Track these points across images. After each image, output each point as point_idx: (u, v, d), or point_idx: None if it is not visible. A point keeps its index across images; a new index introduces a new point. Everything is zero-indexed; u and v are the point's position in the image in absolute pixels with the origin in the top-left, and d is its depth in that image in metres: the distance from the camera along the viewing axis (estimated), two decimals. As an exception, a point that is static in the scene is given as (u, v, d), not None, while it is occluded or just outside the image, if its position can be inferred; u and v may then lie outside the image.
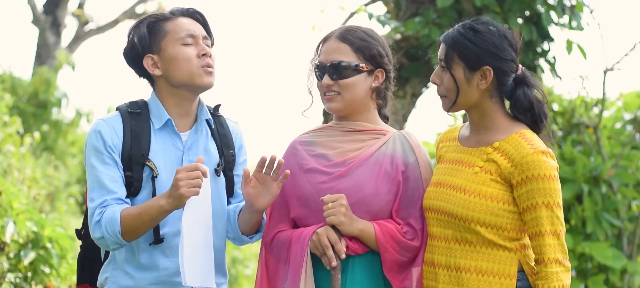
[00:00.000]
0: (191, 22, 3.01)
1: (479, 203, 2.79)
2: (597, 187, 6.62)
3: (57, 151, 11.14)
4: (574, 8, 6.13)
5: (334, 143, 3.03)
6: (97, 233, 2.88)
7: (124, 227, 2.85)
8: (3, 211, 5.21)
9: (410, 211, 2.95)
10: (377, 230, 2.90)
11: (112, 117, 2.99)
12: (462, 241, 2.83)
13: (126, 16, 15.33)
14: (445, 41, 2.88)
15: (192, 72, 2.96)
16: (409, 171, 2.97)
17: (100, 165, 2.92)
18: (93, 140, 2.95)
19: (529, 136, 2.82)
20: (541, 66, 6.28)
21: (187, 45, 2.96)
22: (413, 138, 3.04)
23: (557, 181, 2.77)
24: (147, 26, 2.98)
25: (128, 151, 2.94)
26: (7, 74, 11.49)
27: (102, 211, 2.88)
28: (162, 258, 2.97)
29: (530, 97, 2.88)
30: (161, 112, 3.00)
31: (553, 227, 2.75)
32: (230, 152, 3.10)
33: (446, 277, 2.85)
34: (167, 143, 3.00)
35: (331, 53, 2.99)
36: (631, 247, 6.93)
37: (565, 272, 2.74)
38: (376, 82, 3.03)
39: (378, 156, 2.97)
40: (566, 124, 7.50)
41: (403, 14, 6.36)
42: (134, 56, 3.00)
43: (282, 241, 2.98)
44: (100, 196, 2.90)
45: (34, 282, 5.24)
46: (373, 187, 2.93)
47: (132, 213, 2.85)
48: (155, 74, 3.00)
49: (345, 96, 2.98)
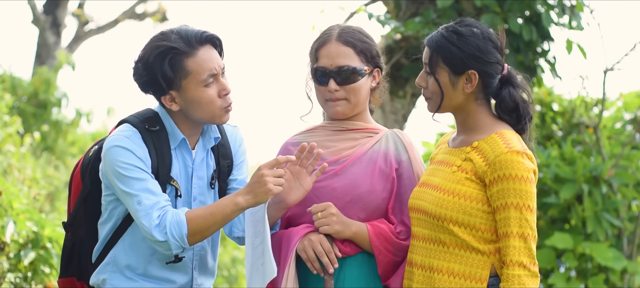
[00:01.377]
0: (209, 53, 2.86)
1: (453, 202, 2.77)
2: (597, 187, 6.62)
3: (57, 151, 11.13)
4: (574, 8, 6.13)
5: (327, 143, 3.01)
6: (159, 236, 2.77)
7: (192, 229, 2.78)
8: (3, 211, 5.21)
9: (403, 209, 2.95)
10: (370, 231, 2.89)
11: (132, 135, 2.86)
12: (436, 242, 2.81)
13: (126, 16, 15.33)
14: (429, 44, 2.86)
15: (214, 114, 2.88)
16: (402, 169, 2.97)
17: (141, 174, 2.80)
18: (122, 157, 2.80)
19: (507, 136, 2.78)
20: (541, 66, 6.29)
21: (209, 86, 2.85)
22: (405, 136, 3.03)
23: (530, 183, 2.71)
24: (168, 62, 2.81)
25: (156, 169, 2.85)
26: (7, 74, 11.48)
27: (160, 214, 2.78)
28: (171, 273, 2.93)
29: (515, 97, 2.84)
30: (175, 132, 2.92)
31: (521, 230, 2.69)
32: (227, 162, 3.04)
33: (421, 277, 2.84)
34: (181, 162, 2.94)
35: (335, 57, 2.95)
36: (631, 247, 6.94)
37: (530, 277, 2.68)
38: (374, 82, 3.03)
39: (372, 154, 2.96)
40: (566, 124, 7.51)
41: (403, 14, 6.37)
42: (154, 91, 2.88)
43: (274, 242, 2.97)
44: (150, 199, 2.78)
45: (34, 282, 5.23)
46: (368, 184, 2.92)
47: (201, 213, 2.78)
48: (172, 109, 2.90)
49: (352, 100, 2.97)
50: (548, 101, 7.58)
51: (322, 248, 2.86)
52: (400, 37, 6.19)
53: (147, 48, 2.85)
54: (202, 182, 2.97)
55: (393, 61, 6.11)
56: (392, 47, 6.22)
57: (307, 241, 2.87)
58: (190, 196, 2.94)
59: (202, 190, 2.97)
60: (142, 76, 2.86)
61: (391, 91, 6.15)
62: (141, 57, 2.85)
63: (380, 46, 6.23)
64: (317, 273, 2.88)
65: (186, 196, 2.92)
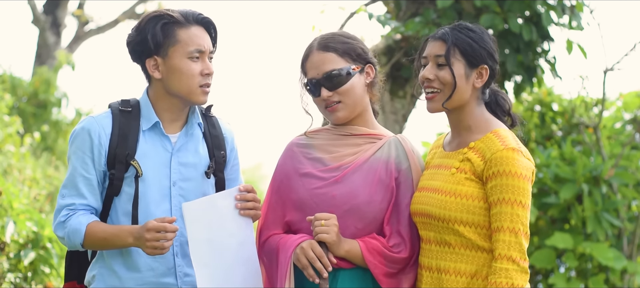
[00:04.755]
0: (202, 33, 2.98)
1: (455, 202, 2.82)
2: (597, 187, 6.62)
3: (57, 151, 11.14)
4: (574, 8, 6.13)
5: (330, 147, 3.03)
6: (59, 232, 2.97)
7: (86, 242, 2.94)
8: (3, 211, 5.21)
9: (400, 218, 2.96)
10: (363, 248, 2.91)
11: (103, 115, 3.01)
12: (442, 244, 2.86)
13: (126, 16, 15.32)
14: (443, 38, 2.91)
15: (191, 89, 2.96)
16: (401, 177, 2.97)
17: (80, 165, 2.97)
18: (79, 138, 2.98)
19: (503, 135, 2.85)
20: (541, 66, 6.28)
21: (194, 60, 2.95)
22: (407, 143, 3.04)
23: (525, 181, 2.76)
24: (161, 26, 2.94)
25: (114, 149, 2.95)
26: (7, 74, 11.49)
27: (68, 214, 2.95)
28: (148, 259, 2.98)
29: (509, 100, 3.00)
30: (150, 114, 3.00)
31: (512, 224, 2.74)
32: (221, 153, 3.09)
33: (429, 279, 2.89)
34: (156, 144, 3.00)
35: (320, 65, 2.97)
36: (631, 247, 6.93)
37: (519, 272, 2.71)
38: (369, 78, 3.03)
39: (373, 162, 2.97)
40: (566, 124, 7.51)
41: (403, 14, 6.36)
42: (141, 51, 2.98)
43: (272, 247, 2.99)
44: (71, 197, 2.96)
45: (34, 282, 5.23)
46: (367, 194, 2.93)
47: (97, 235, 2.92)
48: (153, 76, 2.99)
49: (347, 102, 2.97)
50: (548, 101, 7.58)
51: (314, 254, 2.87)
52: (400, 37, 6.18)
53: (145, 16, 3.00)
54: (190, 170, 3.02)
55: (393, 61, 6.10)
56: (392, 47, 6.21)
57: (299, 249, 2.90)
58: (168, 180, 2.99)
59: (189, 177, 3.01)
60: (133, 37, 2.99)
61: (391, 91, 6.14)
62: (138, 23, 2.99)
63: (380, 46, 6.22)
64: (312, 280, 2.88)
65: (160, 179, 2.98)
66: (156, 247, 2.83)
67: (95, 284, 3.00)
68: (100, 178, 2.97)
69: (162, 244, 2.83)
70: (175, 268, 3.00)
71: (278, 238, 3.00)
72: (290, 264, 2.90)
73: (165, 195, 2.98)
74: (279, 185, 3.05)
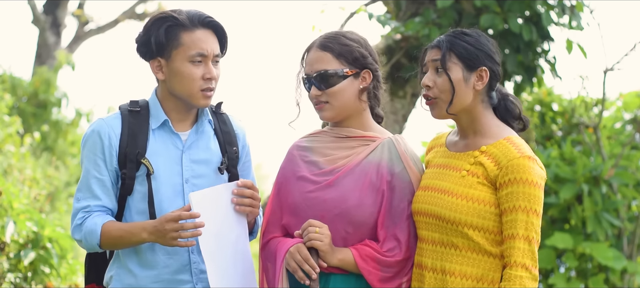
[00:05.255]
0: (207, 36, 2.98)
1: (466, 206, 2.82)
2: (597, 187, 6.62)
3: (57, 151, 11.14)
4: (574, 8, 6.13)
5: (326, 150, 3.03)
6: (76, 235, 3.00)
7: (103, 242, 2.95)
8: (3, 211, 5.21)
9: (397, 221, 2.95)
10: (356, 255, 2.91)
11: (112, 116, 3.03)
12: (448, 245, 2.86)
13: (126, 16, 15.32)
14: (439, 44, 2.92)
15: (191, 92, 2.97)
16: (395, 181, 2.96)
17: (92, 167, 2.98)
18: (90, 141, 2.99)
19: (517, 142, 2.86)
20: (541, 66, 6.28)
21: (196, 64, 2.96)
22: (401, 144, 3.01)
23: (539, 189, 2.78)
24: (165, 29, 2.95)
25: (124, 148, 2.97)
26: (7, 74, 11.49)
27: (84, 216, 2.98)
28: (163, 256, 2.99)
29: (518, 104, 2.98)
30: (159, 112, 3.02)
31: (526, 232, 2.76)
32: (234, 149, 3.11)
33: (432, 280, 2.88)
34: (166, 142, 3.02)
35: (314, 63, 2.98)
36: (631, 247, 6.93)
37: (531, 280, 2.74)
38: (364, 84, 3.01)
39: (365, 164, 2.96)
40: (566, 124, 7.51)
41: (403, 14, 6.36)
42: (145, 52, 3.01)
43: (271, 251, 3.01)
44: (85, 200, 2.99)
45: (34, 282, 5.24)
46: (357, 198, 2.92)
47: (113, 233, 2.93)
48: (157, 77, 3.02)
49: (334, 103, 2.97)
50: (548, 101, 7.58)
51: (301, 257, 2.88)
52: (400, 37, 6.18)
53: (152, 16, 3.01)
54: (202, 166, 3.04)
55: (393, 61, 6.10)
56: (392, 47, 6.21)
57: (288, 254, 2.92)
58: (181, 177, 3.00)
59: (202, 173, 3.03)
60: (140, 37, 3.00)
61: (391, 91, 6.14)
62: (146, 23, 3.01)
63: (380, 46, 6.22)
64: (303, 282, 2.89)
65: (172, 176, 2.99)
66: (175, 238, 2.84)
67: (113, 284, 3.02)
68: (113, 178, 2.99)
69: (182, 234, 2.83)
70: (190, 265, 3.01)
71: (276, 241, 3.01)
72: (283, 268, 2.92)
73: (178, 192, 3.00)
74: (279, 188, 3.06)
